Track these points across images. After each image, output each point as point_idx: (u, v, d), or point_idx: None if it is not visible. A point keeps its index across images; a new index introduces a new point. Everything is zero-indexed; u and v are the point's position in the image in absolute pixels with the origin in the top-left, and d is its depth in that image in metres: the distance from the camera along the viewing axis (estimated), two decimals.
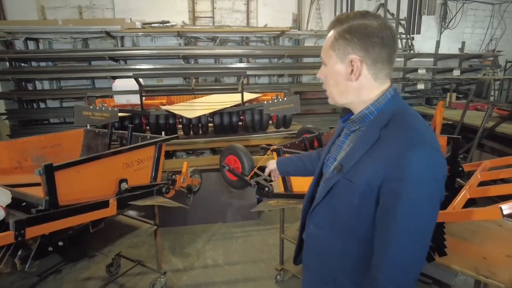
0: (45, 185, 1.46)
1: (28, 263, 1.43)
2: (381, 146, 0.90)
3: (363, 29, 0.91)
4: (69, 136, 2.51)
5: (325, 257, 1.08)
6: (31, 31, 5.64)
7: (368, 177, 0.90)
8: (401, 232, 0.86)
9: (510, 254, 1.66)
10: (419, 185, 0.84)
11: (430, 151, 0.86)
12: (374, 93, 0.96)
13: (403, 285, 0.90)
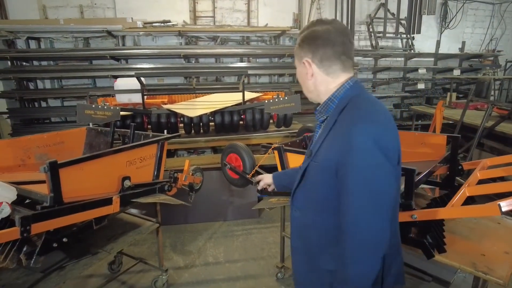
0: (50, 182, 1.48)
1: (33, 259, 1.45)
2: (337, 128, 1.04)
3: (309, 35, 1.09)
4: (72, 134, 2.54)
5: (307, 236, 1.18)
6: (32, 30, 5.66)
7: (328, 156, 1.03)
8: (354, 200, 0.96)
9: (508, 251, 1.67)
10: (363, 154, 0.94)
11: (371, 123, 0.97)
12: (331, 86, 1.11)
13: (370, 258, 0.97)
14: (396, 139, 1.04)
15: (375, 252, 0.97)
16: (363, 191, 0.95)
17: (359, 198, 0.96)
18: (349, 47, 1.09)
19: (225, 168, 2.54)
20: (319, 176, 1.07)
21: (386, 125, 1.02)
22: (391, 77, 7.35)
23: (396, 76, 7.43)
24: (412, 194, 1.59)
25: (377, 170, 0.95)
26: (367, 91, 1.13)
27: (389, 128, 1.02)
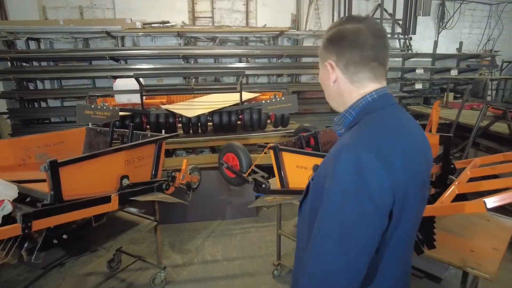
0: (50, 180, 1.53)
1: (34, 255, 1.50)
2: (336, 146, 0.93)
3: (336, 34, 0.94)
4: (72, 134, 2.58)
5: (302, 251, 1.07)
6: (32, 31, 5.70)
7: (319, 175, 0.94)
8: (323, 228, 0.84)
9: (497, 247, 1.72)
10: (340, 180, 0.82)
11: (358, 149, 0.83)
12: (353, 96, 0.96)
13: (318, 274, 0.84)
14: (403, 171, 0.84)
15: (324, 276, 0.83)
16: (332, 224, 0.83)
17: (325, 228, 0.84)
18: (382, 51, 0.93)
19: (222, 167, 2.59)
20: (312, 197, 0.99)
21: (390, 153, 0.84)
22: (388, 77, 7.40)
23: (394, 76, 7.47)
24: None
25: (354, 199, 0.81)
26: (396, 106, 0.96)
27: (391, 157, 0.83)
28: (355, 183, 0.80)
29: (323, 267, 0.83)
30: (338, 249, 0.81)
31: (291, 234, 2.61)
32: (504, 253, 1.69)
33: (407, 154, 0.87)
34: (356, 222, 0.81)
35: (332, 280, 0.82)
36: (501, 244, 1.75)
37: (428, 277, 2.08)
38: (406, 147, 0.88)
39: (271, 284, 2.65)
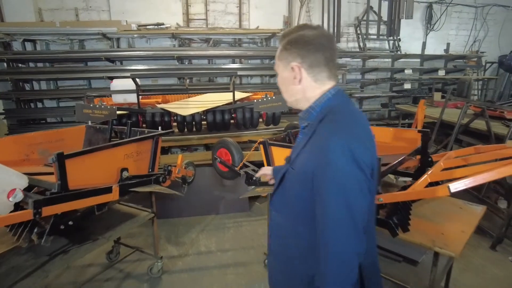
0: (58, 171, 1.67)
1: (43, 238, 1.63)
2: (315, 138, 1.05)
3: (299, 39, 1.07)
4: (72, 131, 2.71)
5: (282, 239, 1.20)
6: (29, 33, 5.79)
7: (305, 168, 1.05)
8: (331, 214, 0.97)
9: (464, 230, 1.89)
10: (339, 168, 0.95)
11: (346, 138, 0.98)
12: (316, 93, 1.11)
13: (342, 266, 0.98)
14: (371, 153, 1.04)
15: (350, 264, 0.98)
16: (339, 205, 0.96)
17: (336, 211, 0.96)
18: (335, 53, 1.09)
19: (216, 162, 2.73)
20: (296, 186, 1.09)
21: (363, 139, 1.03)
22: (378, 78, 7.61)
23: (384, 77, 7.68)
24: (379, 179, 1.80)
25: (353, 183, 0.96)
26: (349, 101, 1.13)
27: (366, 141, 1.03)
28: (351, 165, 0.96)
29: (344, 245, 0.97)
30: (350, 226, 0.97)
31: None
32: (470, 235, 1.86)
33: (371, 138, 1.10)
34: (359, 197, 0.98)
35: (352, 251, 0.98)
36: (468, 227, 1.92)
37: (406, 261, 2.25)
38: (369, 132, 1.11)
39: (262, 273, 2.80)
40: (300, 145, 1.12)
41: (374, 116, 7.96)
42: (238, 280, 2.71)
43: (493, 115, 4.09)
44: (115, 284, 2.69)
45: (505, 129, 3.62)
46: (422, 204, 2.25)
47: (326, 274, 1.00)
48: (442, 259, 2.22)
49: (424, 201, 2.28)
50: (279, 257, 1.24)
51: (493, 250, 3.09)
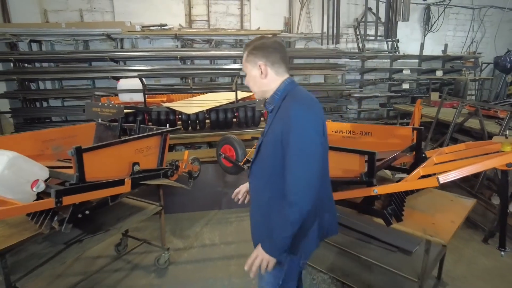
0: (76, 163, 1.80)
1: (64, 225, 1.76)
2: (280, 112, 1.41)
3: (262, 45, 1.46)
4: (83, 128, 2.85)
5: (258, 198, 1.55)
6: (35, 34, 5.92)
7: (276, 132, 1.39)
8: (297, 155, 1.31)
9: (454, 220, 2.02)
10: (300, 124, 1.31)
11: (303, 104, 1.37)
12: (277, 83, 1.47)
13: (304, 192, 1.31)
14: (321, 117, 1.41)
15: (307, 189, 1.31)
16: (299, 148, 1.31)
17: (297, 153, 1.31)
18: (287, 54, 1.51)
19: (220, 158, 2.87)
20: (270, 148, 1.42)
21: (314, 107, 1.40)
22: (377, 78, 7.74)
23: (383, 77, 7.82)
24: (374, 173, 1.93)
25: (311, 135, 1.32)
26: (300, 86, 1.51)
27: (316, 108, 1.40)
28: (306, 122, 1.32)
29: (303, 173, 1.31)
30: (308, 161, 1.31)
31: None
32: (460, 225, 2.00)
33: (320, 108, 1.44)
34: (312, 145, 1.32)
35: (310, 181, 1.32)
36: (458, 218, 2.06)
37: (400, 251, 2.38)
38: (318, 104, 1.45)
39: None
40: (270, 122, 1.49)
41: (372, 115, 8.10)
42: (241, 271, 2.84)
43: (487, 114, 4.22)
44: (124, 274, 2.82)
45: (498, 127, 3.75)
46: (416, 197, 2.38)
47: (291, 192, 1.32)
48: (434, 249, 2.36)
49: (418, 194, 2.41)
50: (256, 214, 1.59)
51: (485, 243, 3.22)
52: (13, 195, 1.65)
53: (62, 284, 2.66)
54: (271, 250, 1.41)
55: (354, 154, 2.01)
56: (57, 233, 2.08)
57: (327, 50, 6.72)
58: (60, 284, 2.67)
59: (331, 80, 7.41)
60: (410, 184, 1.85)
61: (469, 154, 2.18)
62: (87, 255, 3.04)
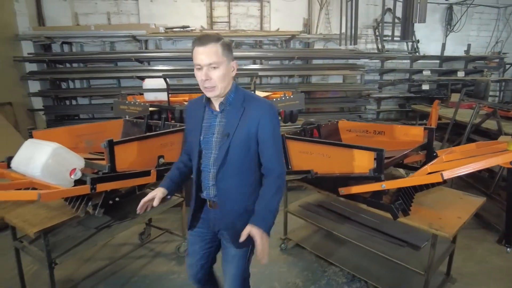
0: (108, 154, 2.00)
1: (97, 210, 1.97)
2: (249, 112, 1.51)
3: (229, 43, 1.51)
4: (112, 124, 3.08)
5: (233, 196, 1.58)
6: (67, 36, 6.29)
7: (247, 131, 1.50)
8: (274, 142, 1.54)
9: (461, 216, 2.10)
10: (274, 119, 1.54)
11: (269, 103, 1.57)
12: (231, 83, 1.57)
13: (283, 164, 1.60)
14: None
15: (283, 162, 1.60)
16: (275, 135, 1.53)
17: (274, 139, 1.54)
18: None
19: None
20: (243, 147, 1.52)
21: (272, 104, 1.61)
22: (396, 79, 7.71)
23: (402, 78, 7.78)
24: (382, 169, 2.04)
25: (277, 123, 1.57)
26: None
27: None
28: (276, 115, 1.57)
29: (281, 152, 1.60)
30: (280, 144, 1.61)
31: (296, 212, 3.04)
32: (466, 221, 2.07)
33: None
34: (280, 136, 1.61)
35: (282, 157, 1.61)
36: (465, 214, 2.13)
37: (409, 246, 2.46)
38: None
39: (277, 255, 3.07)
40: (234, 122, 1.52)
41: (391, 116, 8.07)
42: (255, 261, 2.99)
43: (505, 115, 4.20)
44: (147, 261, 3.03)
45: None
46: (425, 194, 2.46)
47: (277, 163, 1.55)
48: (443, 245, 2.44)
49: (428, 192, 2.49)
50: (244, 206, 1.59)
51: (499, 244, 3.23)
52: (55, 181, 1.87)
53: (91, 267, 2.89)
54: (268, 227, 1.51)
55: (364, 151, 2.12)
56: (89, 218, 2.31)
57: (346, 51, 6.77)
58: (90, 267, 2.91)
59: (350, 80, 7.45)
60: (415, 179, 1.95)
61: (479, 153, 2.24)
62: (114, 242, 3.28)
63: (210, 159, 1.58)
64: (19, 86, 6.26)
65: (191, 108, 1.70)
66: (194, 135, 1.62)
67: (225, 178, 1.56)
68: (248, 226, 1.47)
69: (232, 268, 1.65)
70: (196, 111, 1.64)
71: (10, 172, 2.07)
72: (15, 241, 2.22)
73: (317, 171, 2.44)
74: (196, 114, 1.64)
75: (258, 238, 1.43)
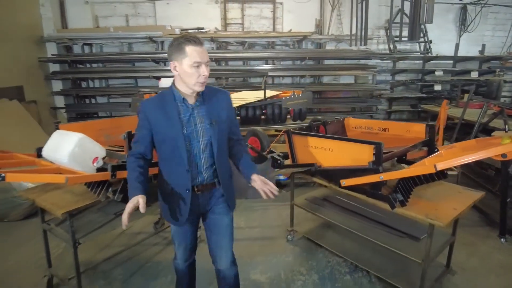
0: (127, 144, 2.19)
1: (116, 195, 2.16)
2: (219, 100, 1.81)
3: None
4: (129, 120, 3.28)
5: (224, 168, 1.86)
6: (87, 38, 6.60)
7: (226, 114, 1.82)
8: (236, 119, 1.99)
9: (457, 208, 2.19)
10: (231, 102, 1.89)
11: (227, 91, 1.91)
12: None
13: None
14: None
15: None
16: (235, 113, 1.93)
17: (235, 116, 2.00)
18: None
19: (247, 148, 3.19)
20: (225, 127, 1.82)
21: None
22: (408, 79, 7.73)
23: (414, 78, 7.79)
24: (380, 161, 2.16)
25: None
26: None
27: None
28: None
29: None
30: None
31: (302, 205, 3.17)
32: (462, 212, 2.16)
33: None
34: None
35: None
36: (461, 206, 2.22)
37: (409, 237, 2.57)
38: None
39: (284, 246, 3.22)
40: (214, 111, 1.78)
41: (403, 116, 8.08)
42: (263, 251, 3.15)
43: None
44: (160, 248, 3.22)
45: None
46: (425, 188, 2.54)
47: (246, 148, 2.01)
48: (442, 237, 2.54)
49: (428, 186, 2.57)
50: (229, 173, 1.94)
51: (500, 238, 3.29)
52: (79, 168, 2.08)
53: (109, 252, 3.09)
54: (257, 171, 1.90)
55: (363, 144, 2.24)
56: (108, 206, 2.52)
57: (357, 51, 6.85)
58: (108, 252, 3.10)
59: (361, 81, 7.52)
60: (411, 170, 2.06)
61: (477, 148, 2.34)
62: (130, 231, 3.47)
63: (200, 146, 1.76)
64: (43, 86, 6.62)
65: (151, 107, 1.72)
66: (173, 130, 1.69)
67: (219, 156, 1.80)
68: (252, 176, 1.87)
69: (227, 236, 1.95)
70: (163, 109, 1.70)
71: (41, 160, 2.29)
72: (43, 224, 2.44)
73: (320, 164, 2.57)
74: (166, 111, 1.70)
75: (259, 180, 1.84)
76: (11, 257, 3.05)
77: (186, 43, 1.60)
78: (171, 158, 1.75)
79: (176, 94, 1.73)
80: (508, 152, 1.82)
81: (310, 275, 2.80)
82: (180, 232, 1.93)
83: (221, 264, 1.96)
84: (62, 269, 2.69)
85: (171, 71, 1.71)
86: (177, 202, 1.80)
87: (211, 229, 1.94)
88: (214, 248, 1.95)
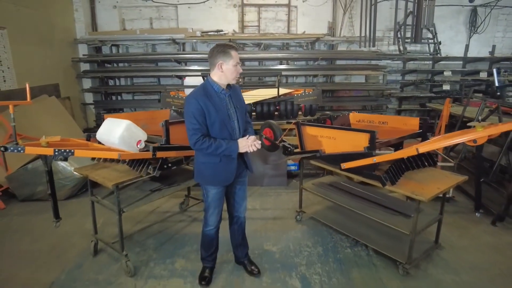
0: (164, 131, 2.68)
1: (155, 172, 2.64)
2: (237, 91, 2.43)
3: None
4: (162, 113, 3.79)
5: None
6: (115, 39, 7.17)
7: (243, 102, 2.47)
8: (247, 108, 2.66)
9: (440, 187, 2.57)
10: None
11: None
12: None
13: None
14: None
15: None
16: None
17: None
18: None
19: (262, 138, 3.63)
20: (243, 112, 2.44)
21: None
22: (418, 79, 8.00)
23: (424, 78, 8.05)
24: (374, 146, 2.57)
25: None
26: None
27: None
28: None
29: None
30: None
31: (310, 188, 3.60)
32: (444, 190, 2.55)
33: None
34: None
35: None
36: (444, 186, 2.61)
37: (402, 215, 2.96)
38: None
39: (293, 224, 3.65)
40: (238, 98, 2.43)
41: (413, 115, 8.35)
42: (275, 228, 3.59)
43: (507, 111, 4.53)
44: (186, 224, 3.70)
45: None
46: (416, 173, 2.93)
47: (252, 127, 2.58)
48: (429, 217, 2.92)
49: (419, 171, 2.96)
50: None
51: (494, 226, 3.62)
52: (126, 148, 2.56)
53: (142, 225, 3.60)
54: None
55: (360, 133, 2.65)
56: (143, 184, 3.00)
57: (368, 52, 7.18)
58: (141, 225, 3.62)
59: (372, 80, 7.85)
60: (398, 152, 2.46)
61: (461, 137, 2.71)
62: (159, 210, 3.99)
63: (235, 125, 2.36)
64: (75, 83, 7.24)
65: (202, 99, 2.21)
66: (221, 114, 2.25)
67: (243, 132, 2.43)
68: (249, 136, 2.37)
69: (245, 197, 2.72)
70: (210, 99, 2.22)
71: (93, 143, 2.80)
72: (91, 196, 2.95)
73: (325, 150, 3.00)
74: (213, 100, 2.24)
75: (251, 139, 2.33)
76: (59, 229, 3.58)
77: (231, 49, 2.21)
78: (220, 135, 2.27)
79: (215, 87, 2.28)
80: (478, 138, 2.21)
81: (315, 247, 3.22)
82: (218, 197, 2.47)
83: (241, 211, 2.72)
84: (105, 236, 3.20)
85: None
86: (225, 167, 2.35)
87: (239, 186, 2.60)
88: (238, 200, 2.66)
